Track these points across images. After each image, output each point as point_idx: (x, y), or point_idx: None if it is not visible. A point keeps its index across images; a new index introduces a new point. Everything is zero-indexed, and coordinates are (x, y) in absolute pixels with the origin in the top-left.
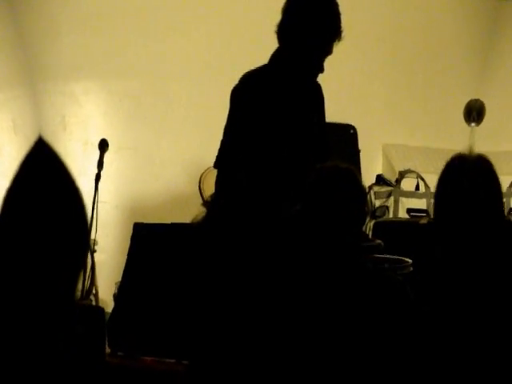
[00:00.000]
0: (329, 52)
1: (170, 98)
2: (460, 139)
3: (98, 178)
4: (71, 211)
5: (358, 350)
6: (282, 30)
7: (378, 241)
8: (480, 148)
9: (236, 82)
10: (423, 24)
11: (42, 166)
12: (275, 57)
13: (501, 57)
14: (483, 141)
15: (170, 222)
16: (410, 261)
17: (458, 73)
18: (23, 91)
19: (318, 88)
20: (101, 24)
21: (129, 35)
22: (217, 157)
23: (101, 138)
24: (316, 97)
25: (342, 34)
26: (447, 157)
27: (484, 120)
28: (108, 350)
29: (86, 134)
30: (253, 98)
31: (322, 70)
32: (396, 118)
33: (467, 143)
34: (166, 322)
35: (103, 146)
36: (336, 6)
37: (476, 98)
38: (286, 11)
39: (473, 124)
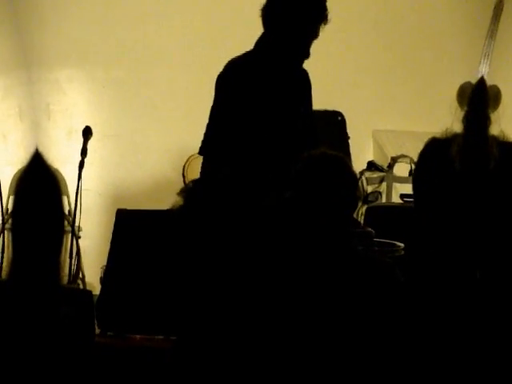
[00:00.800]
0: (315, 35)
1: (154, 85)
2: (454, 123)
3: (81, 165)
4: (46, 196)
5: (347, 331)
6: (266, 14)
7: (369, 229)
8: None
9: (221, 69)
10: (413, 8)
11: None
12: (260, 42)
13: (496, 40)
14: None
15: (153, 209)
16: (401, 244)
17: (448, 56)
18: (13, 78)
19: (305, 75)
20: (85, 12)
21: (113, 23)
22: (202, 143)
23: (85, 125)
24: (303, 84)
25: (328, 17)
26: None
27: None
28: (98, 331)
29: (70, 121)
30: (238, 85)
31: (307, 54)
32: (386, 104)
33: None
34: (152, 302)
35: (87, 133)
36: None
37: (468, 80)
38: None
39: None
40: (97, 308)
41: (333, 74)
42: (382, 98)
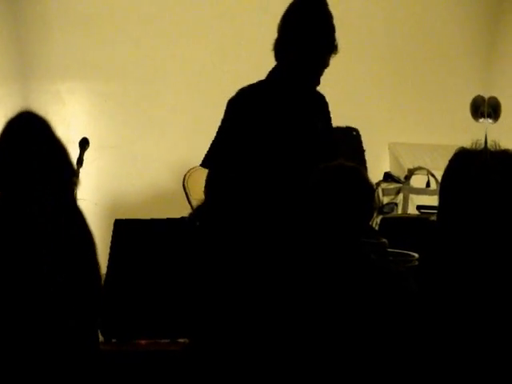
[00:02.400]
0: (325, 66)
1: (156, 98)
2: (468, 136)
3: (77, 175)
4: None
5: (360, 340)
6: (278, 48)
7: (383, 239)
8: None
9: (222, 84)
10: (425, 21)
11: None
12: (273, 73)
13: (504, 51)
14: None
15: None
16: (415, 255)
17: (461, 69)
18: (14, 89)
19: (321, 97)
20: (91, 26)
21: (116, 37)
22: (206, 156)
23: (82, 136)
24: (319, 105)
25: (338, 48)
26: None
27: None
28: (101, 339)
29: (68, 132)
30: (249, 108)
31: (318, 83)
32: (400, 117)
33: (476, 139)
34: (154, 307)
35: (84, 144)
36: (330, 20)
37: (480, 93)
38: (282, 29)
39: (490, 121)
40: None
41: (345, 90)
42: (397, 111)
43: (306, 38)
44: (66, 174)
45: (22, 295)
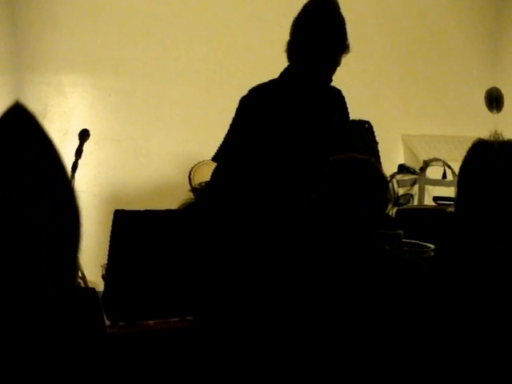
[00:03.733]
0: (336, 65)
1: (162, 94)
2: (481, 126)
3: (74, 166)
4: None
5: (373, 328)
6: (291, 49)
7: (399, 230)
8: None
9: (227, 79)
10: (435, 13)
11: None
12: (285, 72)
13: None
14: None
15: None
16: (431, 246)
17: (471, 60)
18: (8, 79)
19: (338, 93)
20: (97, 20)
21: (124, 33)
22: (218, 152)
23: (82, 128)
24: (335, 102)
25: (349, 48)
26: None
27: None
28: (108, 323)
29: (67, 124)
30: (262, 105)
31: (330, 81)
32: (413, 109)
33: (488, 130)
34: (158, 291)
35: (84, 135)
36: (341, 23)
37: (492, 83)
38: (294, 31)
39: (494, 111)
40: (104, 302)
41: (358, 82)
42: (409, 104)
43: (319, 40)
44: (56, 170)
45: (21, 294)
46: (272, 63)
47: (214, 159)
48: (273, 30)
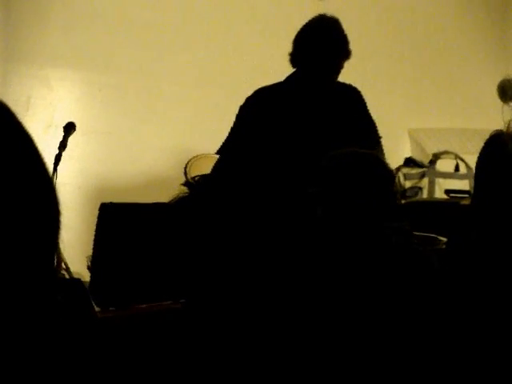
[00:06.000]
0: (339, 71)
1: (152, 89)
2: (491, 118)
3: (57, 158)
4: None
5: (380, 321)
6: (294, 59)
7: (406, 223)
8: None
9: (220, 75)
10: (442, 5)
11: None
12: (290, 77)
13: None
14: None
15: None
16: (442, 238)
17: (478, 51)
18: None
19: (354, 91)
20: (89, 16)
21: (115, 28)
22: (222, 146)
23: (67, 121)
24: (348, 101)
25: (350, 55)
26: (484, 137)
27: None
28: (98, 309)
29: (51, 116)
30: (265, 106)
31: (333, 83)
32: (419, 104)
33: (499, 122)
34: (148, 275)
35: (69, 128)
36: (341, 30)
37: (500, 74)
38: (297, 42)
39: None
40: (91, 290)
41: (364, 76)
42: (415, 98)
43: (321, 51)
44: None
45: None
46: (265, 57)
47: (218, 152)
48: (265, 26)
